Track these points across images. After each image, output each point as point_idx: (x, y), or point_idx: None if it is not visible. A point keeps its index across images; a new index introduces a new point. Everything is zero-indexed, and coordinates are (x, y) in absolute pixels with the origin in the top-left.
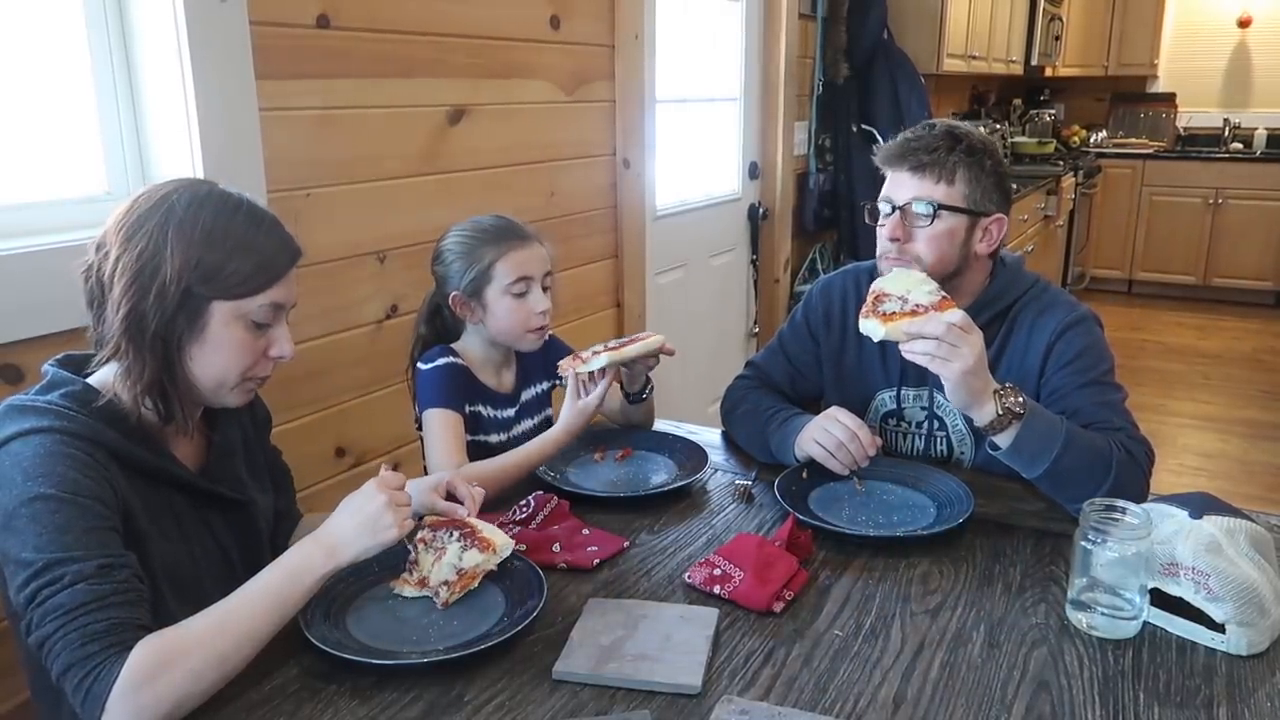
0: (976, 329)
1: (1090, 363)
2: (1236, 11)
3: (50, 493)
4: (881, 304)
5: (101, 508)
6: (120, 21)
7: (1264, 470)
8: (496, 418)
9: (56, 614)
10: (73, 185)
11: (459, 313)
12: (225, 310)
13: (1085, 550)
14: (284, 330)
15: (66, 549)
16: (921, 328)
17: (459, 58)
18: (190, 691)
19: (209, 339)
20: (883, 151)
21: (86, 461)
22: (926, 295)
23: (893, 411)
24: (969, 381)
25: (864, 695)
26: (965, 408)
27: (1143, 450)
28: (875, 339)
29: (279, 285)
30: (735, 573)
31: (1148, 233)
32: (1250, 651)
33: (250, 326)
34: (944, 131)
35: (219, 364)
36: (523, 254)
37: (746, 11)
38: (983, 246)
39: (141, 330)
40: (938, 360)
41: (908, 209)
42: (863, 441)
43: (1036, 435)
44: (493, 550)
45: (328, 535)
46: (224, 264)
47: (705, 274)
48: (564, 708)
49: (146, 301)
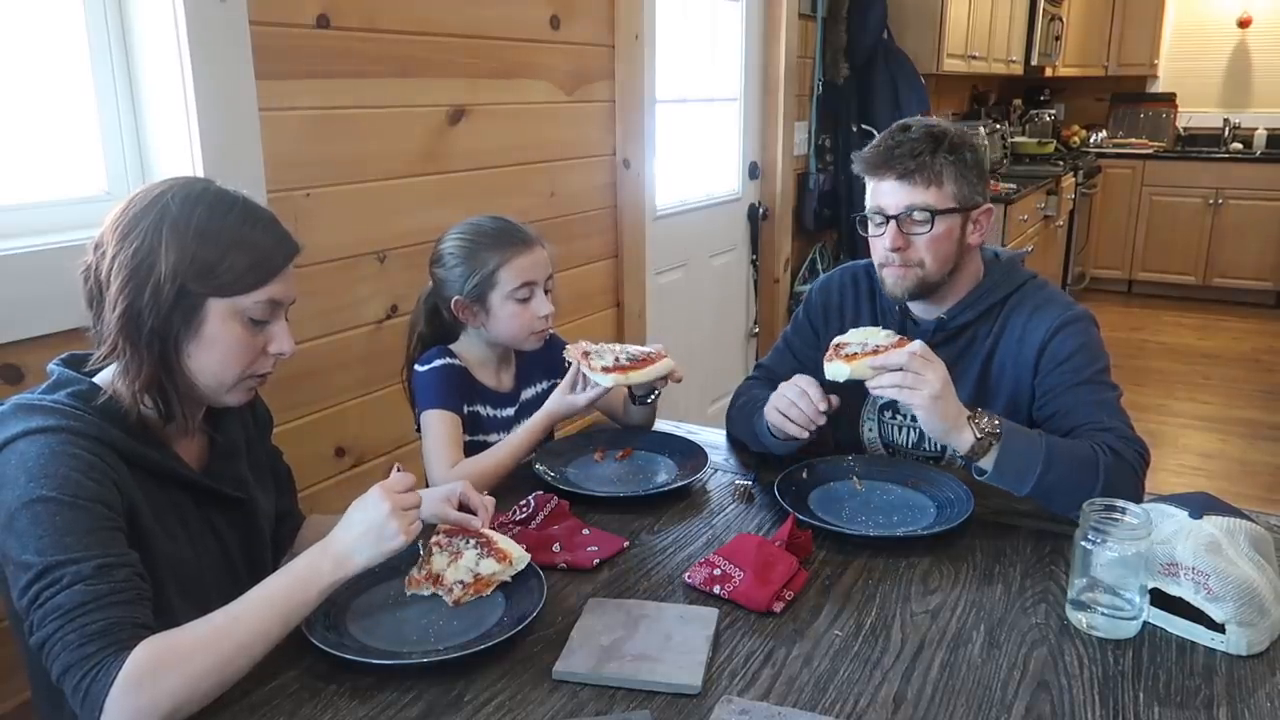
0: (937, 358)
1: (1084, 361)
2: (1236, 11)
3: (52, 495)
4: (843, 349)
5: (103, 509)
6: (120, 21)
7: (1264, 470)
8: (496, 417)
9: (55, 615)
10: (73, 185)
11: (461, 317)
12: (222, 307)
13: (1085, 550)
14: (283, 326)
15: (66, 550)
16: (885, 360)
17: (459, 58)
18: (189, 695)
19: (206, 337)
20: (863, 159)
21: (91, 462)
22: (885, 338)
23: (889, 403)
24: (939, 407)
25: (864, 695)
26: (942, 436)
27: (1134, 449)
28: (841, 380)
29: (276, 281)
30: (735, 573)
31: (1148, 233)
32: (1250, 651)
33: (248, 324)
34: (923, 133)
35: (217, 361)
36: (526, 259)
37: (746, 11)
38: (975, 238)
39: (138, 328)
40: (905, 390)
41: (903, 217)
42: (812, 398)
43: (1018, 454)
44: (509, 562)
45: (335, 544)
46: (219, 261)
47: (705, 274)
48: (564, 708)
49: (142, 299)
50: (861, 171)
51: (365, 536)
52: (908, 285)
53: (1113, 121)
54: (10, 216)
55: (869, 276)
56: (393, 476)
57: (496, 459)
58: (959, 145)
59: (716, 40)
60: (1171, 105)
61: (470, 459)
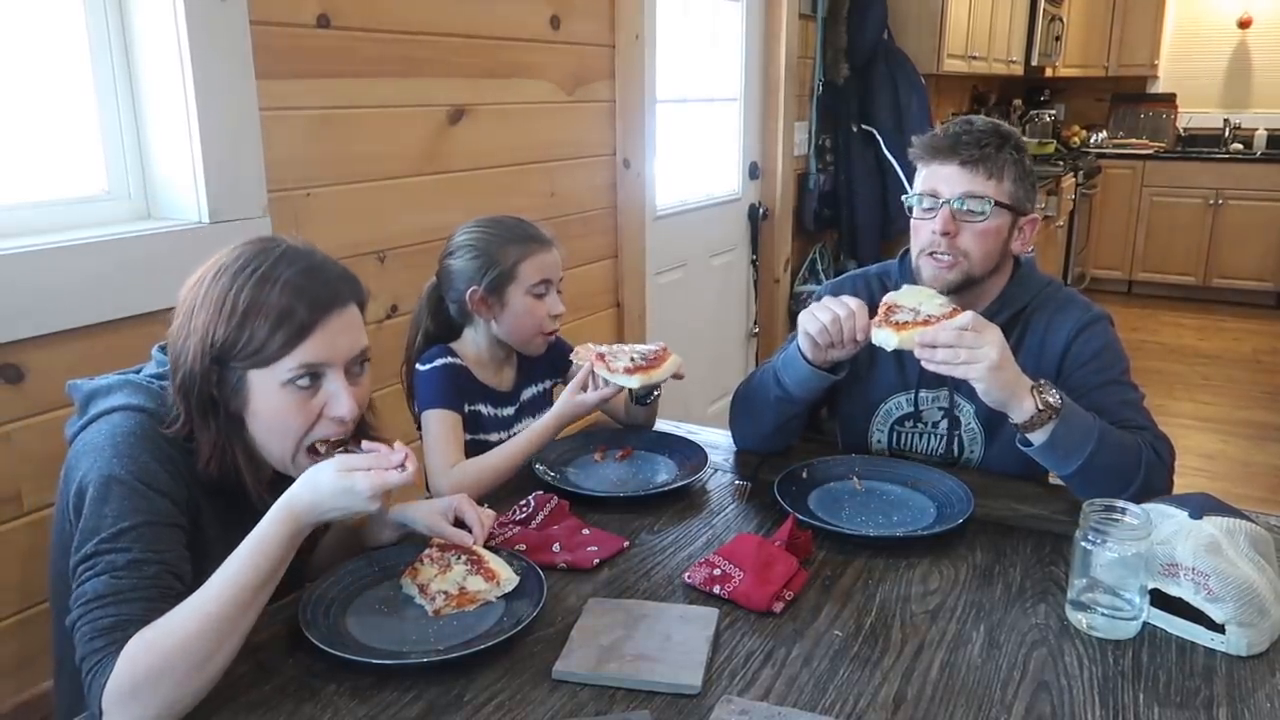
0: (991, 325)
1: (1109, 361)
2: (1236, 12)
3: (125, 477)
4: (894, 314)
5: (167, 503)
6: (120, 21)
7: (1265, 471)
8: (496, 416)
9: (81, 602)
10: (73, 185)
11: (474, 309)
12: (261, 378)
13: (1085, 550)
14: (337, 387)
15: (114, 538)
16: (934, 336)
17: (459, 58)
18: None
19: (254, 410)
20: (926, 143)
21: (171, 455)
22: (938, 307)
23: (909, 414)
24: (998, 376)
25: (864, 695)
26: (1002, 405)
27: (1166, 448)
28: (889, 348)
29: (307, 343)
30: (735, 573)
31: (1148, 233)
32: (1250, 652)
33: (294, 390)
34: (991, 128)
35: (268, 431)
36: (545, 257)
37: (746, 11)
38: (1017, 245)
39: (193, 399)
40: (961, 365)
41: (957, 204)
42: (858, 320)
43: (1072, 432)
44: (496, 582)
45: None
46: (240, 332)
47: (705, 274)
48: (564, 708)
49: (191, 374)
50: (922, 155)
51: (322, 488)
52: (950, 278)
53: (1113, 122)
54: (10, 216)
55: (881, 283)
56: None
57: (499, 460)
58: (1022, 147)
59: (716, 40)
60: (1172, 105)
61: (471, 460)
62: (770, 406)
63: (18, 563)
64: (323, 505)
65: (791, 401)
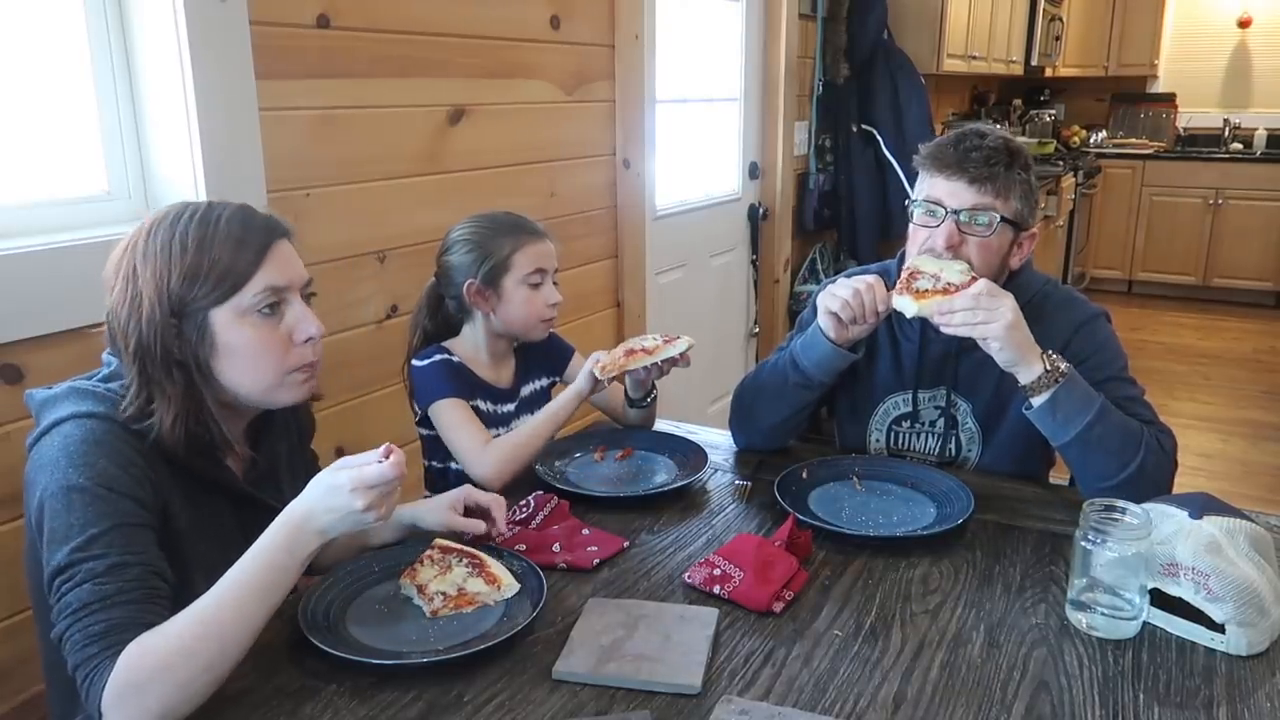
0: (1005, 291)
1: (1108, 358)
2: (1236, 12)
3: (85, 484)
4: (915, 281)
5: (132, 504)
6: (120, 21)
7: (1265, 471)
8: (495, 412)
9: (66, 613)
10: (73, 185)
11: (472, 301)
12: (224, 314)
13: (1085, 550)
14: (301, 309)
15: (87, 546)
16: (952, 304)
17: (459, 58)
18: (180, 699)
19: (224, 348)
20: (933, 153)
21: (130, 457)
22: (958, 274)
23: (907, 414)
24: (1013, 335)
25: (864, 695)
26: (1013, 365)
27: (1170, 441)
28: (909, 315)
29: (266, 266)
30: (735, 573)
31: (1148, 233)
32: (1250, 652)
33: (259, 319)
34: (1001, 144)
35: (246, 368)
36: (538, 247)
37: (746, 11)
38: (1015, 260)
39: (153, 362)
40: (980, 325)
41: (963, 216)
42: (876, 293)
43: (1074, 398)
44: (497, 586)
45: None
46: (195, 269)
47: (705, 274)
48: (564, 708)
49: (145, 334)
50: (929, 166)
51: (321, 499)
52: None
53: (1113, 122)
54: (10, 216)
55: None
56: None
57: (528, 437)
58: (1029, 165)
59: (716, 40)
60: (1171, 105)
61: (504, 436)
62: (786, 394)
63: (18, 563)
64: (315, 507)
65: (809, 386)
